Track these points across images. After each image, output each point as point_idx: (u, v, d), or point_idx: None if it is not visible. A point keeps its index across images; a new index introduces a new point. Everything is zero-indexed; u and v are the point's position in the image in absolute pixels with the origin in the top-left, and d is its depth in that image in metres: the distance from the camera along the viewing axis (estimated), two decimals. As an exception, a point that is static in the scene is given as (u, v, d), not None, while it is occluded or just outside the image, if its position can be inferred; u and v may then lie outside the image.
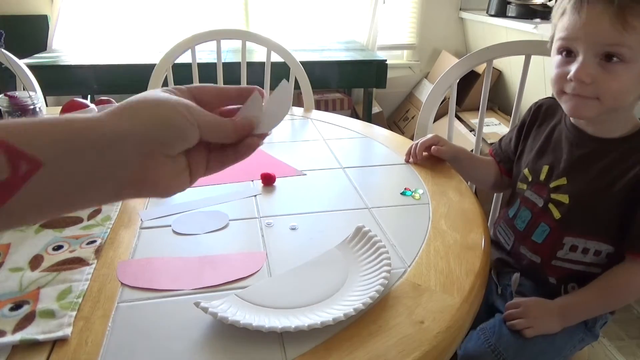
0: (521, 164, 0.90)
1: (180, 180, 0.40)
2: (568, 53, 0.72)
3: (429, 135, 0.96)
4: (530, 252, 0.85)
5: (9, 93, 0.88)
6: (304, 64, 1.43)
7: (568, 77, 0.71)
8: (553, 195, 0.82)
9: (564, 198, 0.80)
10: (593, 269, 0.79)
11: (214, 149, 0.42)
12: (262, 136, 0.45)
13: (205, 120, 0.39)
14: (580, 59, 0.70)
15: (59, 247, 0.65)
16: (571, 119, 0.82)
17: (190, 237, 0.69)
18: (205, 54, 2.14)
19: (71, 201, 0.35)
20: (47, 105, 1.56)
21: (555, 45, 0.74)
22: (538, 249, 0.83)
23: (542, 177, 0.84)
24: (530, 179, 0.87)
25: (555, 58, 0.75)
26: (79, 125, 0.34)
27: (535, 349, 0.77)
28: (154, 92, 0.39)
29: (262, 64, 1.47)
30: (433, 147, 0.94)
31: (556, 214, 0.81)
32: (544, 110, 0.90)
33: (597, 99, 0.71)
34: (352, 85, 2.69)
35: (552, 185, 0.82)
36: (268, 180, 0.85)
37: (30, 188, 0.32)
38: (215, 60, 1.46)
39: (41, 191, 0.32)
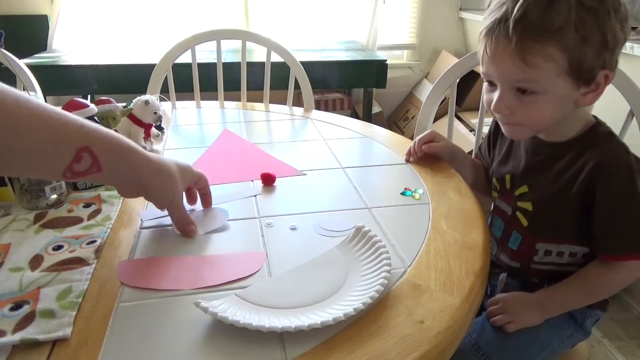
0: (491, 172, 0.92)
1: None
2: (490, 83, 0.74)
3: (426, 132, 0.96)
4: (509, 258, 0.87)
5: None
6: (304, 64, 1.43)
7: (490, 107, 0.74)
8: (519, 203, 0.83)
9: (528, 205, 0.81)
10: (573, 268, 0.80)
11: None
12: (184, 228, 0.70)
13: (177, 204, 0.69)
14: (498, 91, 0.72)
15: (59, 247, 0.65)
16: None
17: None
18: (205, 54, 2.14)
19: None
20: (47, 105, 1.56)
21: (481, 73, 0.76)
22: (515, 256, 0.85)
23: (508, 185, 0.85)
24: (499, 188, 0.88)
25: (484, 84, 0.77)
26: (134, 162, 0.63)
27: (517, 344, 0.78)
28: (178, 168, 0.69)
29: (262, 64, 1.47)
30: (424, 145, 0.94)
31: (524, 222, 0.82)
32: None
33: (524, 125, 0.73)
34: (352, 85, 2.69)
35: (516, 193, 0.83)
36: (268, 180, 0.85)
37: (88, 177, 0.59)
38: (215, 60, 1.46)
39: (91, 179, 0.60)
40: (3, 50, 0.75)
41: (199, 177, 0.72)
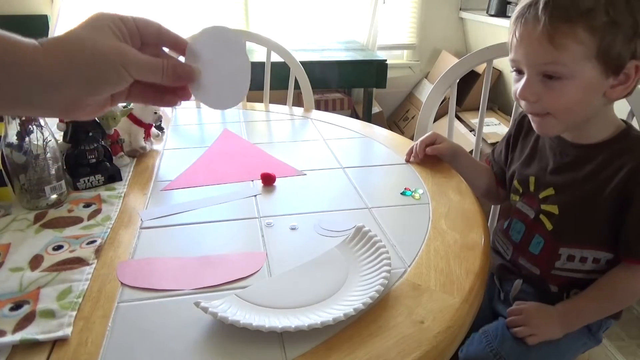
0: (510, 174, 0.90)
1: (102, 110, 0.44)
2: (518, 71, 0.73)
3: (428, 133, 0.96)
4: (529, 263, 0.84)
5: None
6: (304, 64, 1.43)
7: (516, 95, 0.73)
8: (543, 206, 0.81)
9: (554, 209, 0.79)
10: (594, 276, 0.78)
11: (140, 82, 0.43)
12: (185, 96, 0.46)
13: (137, 63, 0.42)
14: (524, 78, 0.71)
15: (59, 247, 0.65)
16: None
17: (189, 237, 0.69)
18: (205, 54, 2.14)
19: None
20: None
21: (509, 63, 0.75)
22: (536, 260, 0.83)
23: (532, 188, 0.83)
24: (521, 191, 0.86)
25: (512, 74, 0.76)
26: (11, 58, 0.37)
27: (539, 355, 0.77)
28: (95, 33, 0.40)
29: (262, 64, 1.47)
30: (428, 148, 0.93)
31: (548, 226, 0.80)
32: (528, 121, 0.88)
33: (551, 115, 0.71)
34: (352, 85, 2.69)
35: (541, 196, 0.81)
36: (268, 180, 0.85)
37: None
38: (215, 60, 1.46)
39: None
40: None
41: (138, 22, 0.44)
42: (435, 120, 1.31)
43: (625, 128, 0.75)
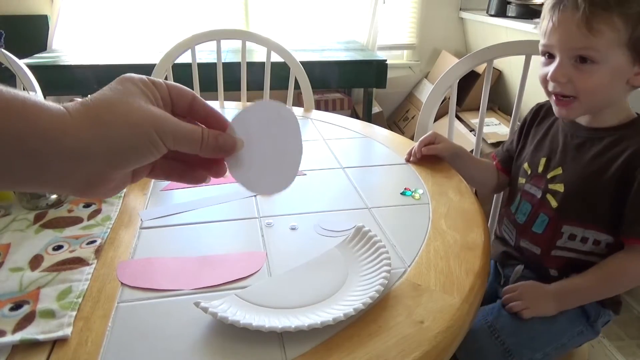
0: (521, 159, 0.93)
1: (121, 188, 0.39)
2: (549, 55, 0.78)
3: (427, 133, 0.97)
4: (531, 243, 0.87)
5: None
6: (304, 64, 1.43)
7: (547, 77, 0.77)
8: (550, 186, 0.84)
9: (560, 187, 0.82)
10: (593, 258, 0.81)
11: (168, 157, 0.39)
12: (219, 172, 0.41)
13: (175, 131, 0.36)
14: (557, 61, 0.76)
15: (59, 247, 0.65)
16: None
17: (189, 237, 0.69)
18: (205, 54, 2.14)
19: (4, 183, 0.33)
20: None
21: (540, 49, 0.80)
22: (538, 240, 0.86)
23: (540, 169, 0.87)
24: (529, 172, 0.89)
25: (540, 59, 0.80)
26: (40, 131, 0.31)
27: (532, 331, 0.79)
28: (127, 97, 0.35)
29: (262, 64, 1.47)
30: (424, 147, 0.94)
31: (553, 203, 0.83)
32: (545, 110, 0.93)
33: (576, 97, 0.76)
34: (352, 85, 2.69)
35: (549, 176, 0.85)
36: (268, 180, 0.85)
37: None
38: (215, 60, 1.46)
39: None
40: (3, 50, 0.75)
41: (172, 89, 0.40)
42: (435, 120, 1.31)
43: (635, 117, 0.80)
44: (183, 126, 0.37)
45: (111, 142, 0.34)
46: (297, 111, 1.32)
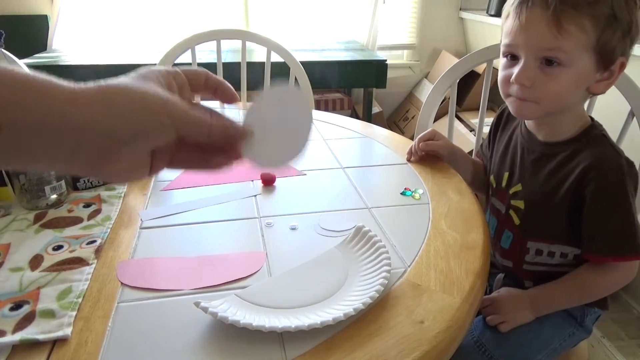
0: (490, 170, 0.92)
1: (139, 173, 0.40)
2: (512, 57, 0.74)
3: (427, 131, 0.97)
4: (502, 258, 0.87)
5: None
6: (304, 64, 1.43)
7: (511, 79, 0.73)
8: (512, 202, 0.83)
9: (520, 204, 0.82)
10: (565, 269, 0.80)
11: (185, 145, 0.40)
12: (235, 156, 0.42)
13: (185, 115, 0.38)
14: (521, 62, 0.72)
15: (59, 247, 0.65)
16: (525, 123, 0.85)
17: (189, 237, 0.69)
18: (205, 54, 2.14)
19: (18, 162, 0.36)
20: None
21: (501, 49, 0.76)
22: (507, 255, 0.86)
23: (504, 183, 0.86)
24: (494, 186, 0.89)
25: (501, 60, 0.77)
26: (49, 104, 0.33)
27: (518, 341, 0.79)
28: (143, 80, 0.37)
29: (262, 64, 1.47)
30: (422, 143, 0.94)
31: (516, 220, 0.83)
32: (507, 114, 0.91)
33: (537, 102, 0.73)
34: (352, 85, 2.68)
35: (511, 191, 0.84)
36: (268, 180, 0.85)
37: None
38: (215, 60, 1.46)
39: None
40: (3, 50, 0.75)
41: (187, 73, 0.42)
42: (435, 120, 1.31)
43: (589, 126, 0.78)
44: (194, 112, 0.38)
45: (120, 114, 0.35)
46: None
